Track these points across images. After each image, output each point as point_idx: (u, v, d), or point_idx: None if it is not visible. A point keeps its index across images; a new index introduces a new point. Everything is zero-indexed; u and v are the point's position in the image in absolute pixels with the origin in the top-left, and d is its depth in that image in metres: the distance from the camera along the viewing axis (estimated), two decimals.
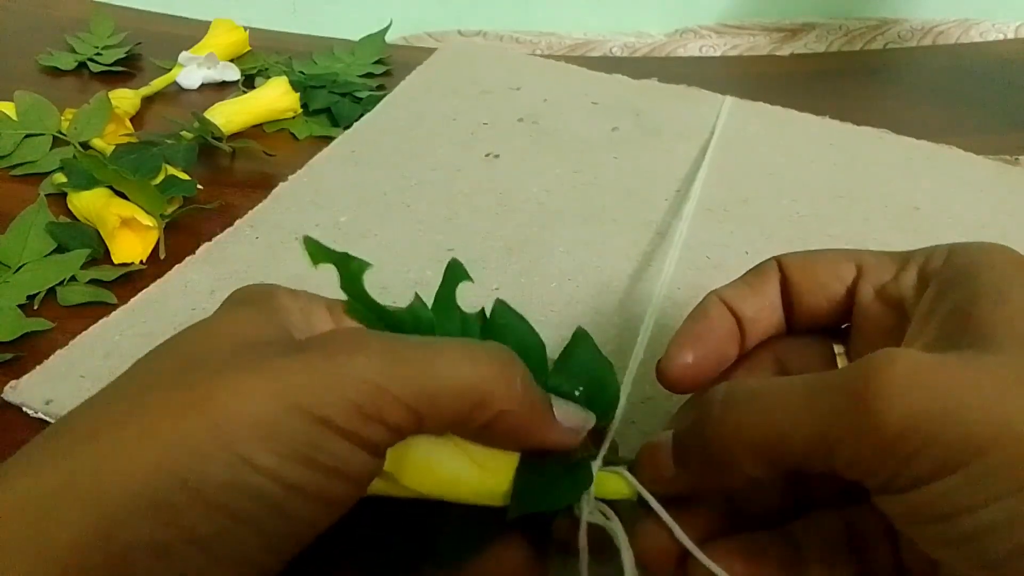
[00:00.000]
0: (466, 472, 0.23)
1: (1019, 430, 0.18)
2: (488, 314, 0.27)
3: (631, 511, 0.25)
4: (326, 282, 0.27)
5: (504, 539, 0.24)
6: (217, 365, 0.20)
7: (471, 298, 0.28)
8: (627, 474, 0.25)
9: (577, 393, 0.26)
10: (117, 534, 0.18)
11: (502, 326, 0.26)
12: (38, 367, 0.35)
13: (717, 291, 0.27)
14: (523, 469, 0.24)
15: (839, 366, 0.27)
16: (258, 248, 0.41)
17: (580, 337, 0.27)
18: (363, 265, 0.25)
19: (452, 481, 0.23)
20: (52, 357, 0.35)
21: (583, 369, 0.27)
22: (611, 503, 0.25)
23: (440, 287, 0.26)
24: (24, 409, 0.33)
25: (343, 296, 0.26)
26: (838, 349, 0.27)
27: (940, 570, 0.22)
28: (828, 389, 0.20)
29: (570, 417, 0.24)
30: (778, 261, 0.27)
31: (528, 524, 0.24)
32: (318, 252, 0.26)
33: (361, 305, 0.25)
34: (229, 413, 0.19)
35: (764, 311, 0.27)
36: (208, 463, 0.19)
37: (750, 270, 0.27)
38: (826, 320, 0.27)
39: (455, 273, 0.26)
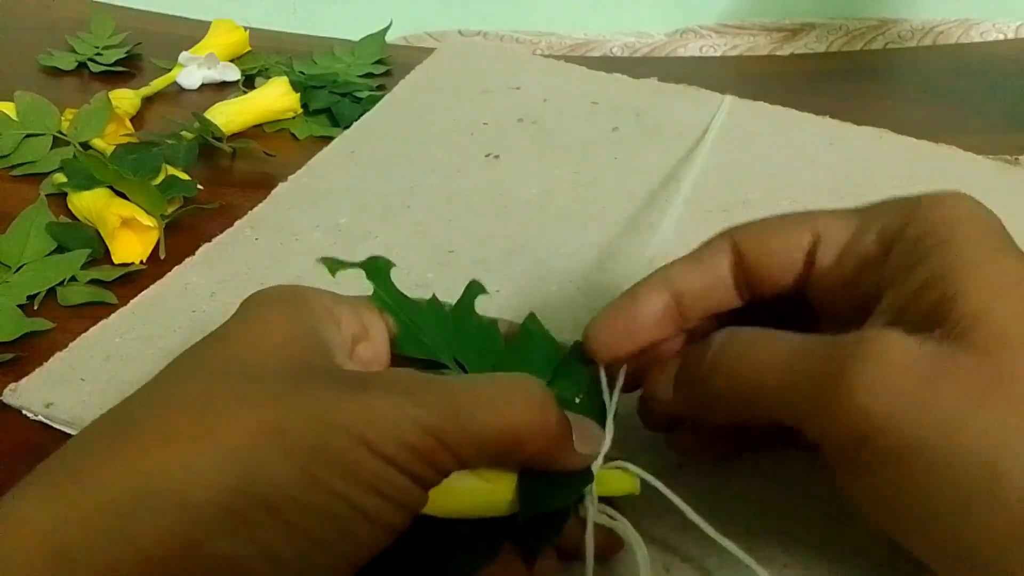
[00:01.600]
0: (472, 488, 0.23)
1: (960, 447, 0.19)
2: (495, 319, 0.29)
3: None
4: (328, 284, 0.27)
5: (504, 553, 0.24)
6: (278, 387, 0.21)
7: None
8: (631, 466, 0.26)
9: (577, 401, 0.27)
10: (198, 545, 0.18)
11: (530, 331, 0.28)
12: (38, 369, 0.35)
13: (661, 268, 0.27)
14: (525, 475, 0.24)
15: None
16: (258, 249, 0.41)
17: (576, 346, 0.28)
18: (388, 263, 0.28)
19: (460, 499, 0.23)
20: (52, 360, 0.35)
21: (580, 377, 0.27)
22: (615, 504, 0.26)
23: (460, 298, 0.29)
24: (24, 412, 0.33)
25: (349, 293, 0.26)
26: None
27: None
28: (812, 356, 0.22)
29: (587, 441, 0.25)
30: (731, 235, 0.26)
31: (529, 535, 0.24)
32: (336, 267, 0.27)
33: (388, 297, 0.27)
34: (304, 442, 0.19)
35: (710, 287, 0.26)
36: (287, 485, 0.19)
37: (700, 245, 0.27)
38: (785, 290, 0.26)
39: (474, 289, 0.29)
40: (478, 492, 0.23)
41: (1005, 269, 0.21)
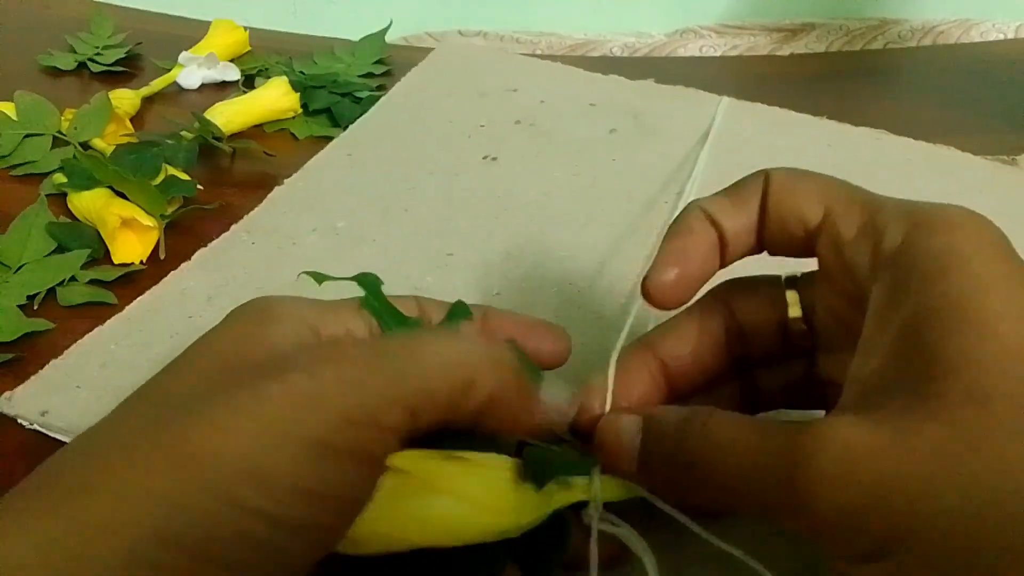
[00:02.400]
0: (463, 514, 0.22)
1: (936, 526, 0.17)
2: None
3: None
4: (323, 289, 0.27)
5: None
6: (195, 402, 0.20)
7: (472, 303, 0.29)
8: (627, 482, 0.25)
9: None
10: None
11: None
12: (32, 377, 0.34)
13: (699, 202, 0.26)
14: (527, 453, 0.24)
15: (791, 316, 0.27)
16: (255, 253, 0.41)
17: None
18: (378, 280, 0.27)
19: (451, 526, 0.22)
20: (47, 367, 0.35)
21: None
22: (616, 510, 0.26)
23: (443, 321, 0.27)
24: (19, 421, 0.33)
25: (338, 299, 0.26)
26: (791, 297, 0.27)
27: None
28: (770, 454, 0.20)
29: (554, 399, 0.24)
30: (766, 176, 0.26)
31: (532, 557, 0.24)
32: (323, 279, 0.27)
33: (378, 305, 0.26)
34: (216, 458, 0.18)
35: (744, 230, 0.26)
36: (199, 516, 0.18)
37: (736, 183, 0.26)
38: (792, 252, 0.26)
39: (459, 311, 0.28)
40: (467, 518, 0.23)
41: (996, 309, 0.19)
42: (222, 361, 0.21)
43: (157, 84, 0.57)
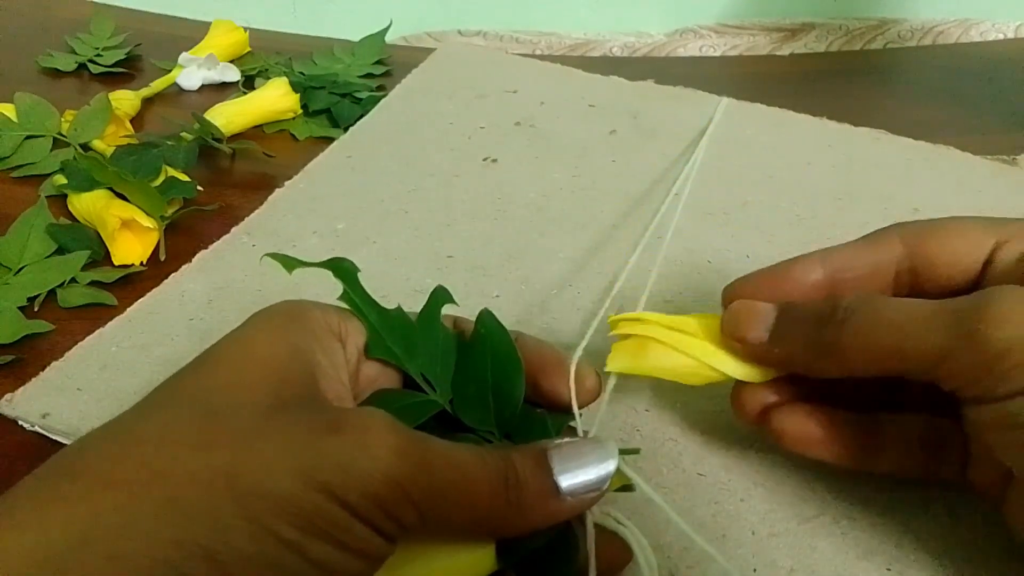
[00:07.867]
0: (455, 559, 0.23)
1: None
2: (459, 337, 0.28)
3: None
4: (325, 291, 0.27)
5: None
6: (243, 426, 0.20)
7: (472, 305, 0.29)
8: (623, 467, 0.25)
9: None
10: None
11: (484, 335, 0.27)
12: (33, 379, 0.34)
13: (823, 249, 0.28)
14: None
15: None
16: (255, 256, 0.41)
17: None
18: (355, 267, 0.27)
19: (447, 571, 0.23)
20: (48, 369, 0.35)
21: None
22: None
23: (424, 307, 0.28)
24: (20, 423, 0.33)
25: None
26: None
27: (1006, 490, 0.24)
28: (948, 311, 0.23)
29: (578, 483, 0.23)
30: (900, 230, 0.27)
31: None
32: (292, 264, 0.26)
33: (358, 299, 0.26)
34: (256, 488, 0.19)
35: (872, 275, 0.27)
36: (233, 535, 0.18)
37: (867, 235, 0.28)
38: (953, 290, 0.26)
39: (439, 298, 0.28)
40: (459, 561, 0.23)
41: None
42: (265, 391, 0.21)
43: (157, 85, 0.57)
